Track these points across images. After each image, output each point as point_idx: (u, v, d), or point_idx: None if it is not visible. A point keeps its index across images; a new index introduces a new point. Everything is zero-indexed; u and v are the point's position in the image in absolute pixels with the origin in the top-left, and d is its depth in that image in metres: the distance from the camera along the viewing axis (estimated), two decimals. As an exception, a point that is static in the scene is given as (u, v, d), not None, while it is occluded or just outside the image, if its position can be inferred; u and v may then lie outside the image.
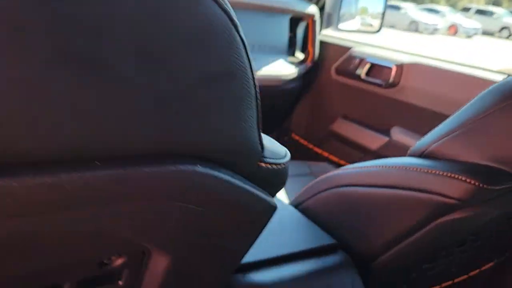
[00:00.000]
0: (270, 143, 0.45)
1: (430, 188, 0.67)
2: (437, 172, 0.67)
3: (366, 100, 1.56)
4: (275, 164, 0.43)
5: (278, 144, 0.47)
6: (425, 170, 0.69)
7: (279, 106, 1.81)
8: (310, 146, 1.82)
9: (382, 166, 0.75)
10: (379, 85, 1.46)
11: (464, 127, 0.68)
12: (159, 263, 0.41)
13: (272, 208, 0.46)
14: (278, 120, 1.92)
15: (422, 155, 0.74)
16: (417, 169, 0.70)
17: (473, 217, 0.67)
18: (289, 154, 0.47)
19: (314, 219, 0.84)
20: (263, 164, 0.42)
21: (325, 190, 0.84)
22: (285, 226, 0.80)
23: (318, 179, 0.87)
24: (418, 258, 0.77)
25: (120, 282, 0.42)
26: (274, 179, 0.44)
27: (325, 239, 0.77)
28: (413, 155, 0.76)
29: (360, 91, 1.56)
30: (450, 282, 0.97)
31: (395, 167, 0.73)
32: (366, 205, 0.77)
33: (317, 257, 0.74)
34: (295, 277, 0.69)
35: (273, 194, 0.47)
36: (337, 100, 1.70)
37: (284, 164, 0.44)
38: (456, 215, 0.66)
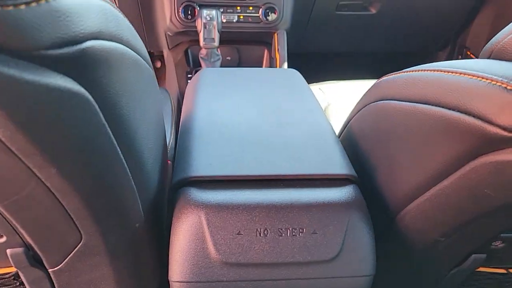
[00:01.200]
0: None
1: (471, 106, 0.39)
2: (487, 79, 0.38)
3: None
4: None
5: None
6: (472, 75, 0.40)
7: (450, 16, 1.40)
8: None
9: (427, 70, 0.47)
10: None
11: None
12: None
13: (54, 90, 0.29)
14: (449, 34, 1.50)
15: (491, 55, 0.43)
16: (461, 73, 0.41)
17: None
18: None
19: (345, 143, 0.62)
20: None
21: (363, 107, 0.59)
22: (302, 149, 0.59)
23: (368, 90, 0.62)
24: (468, 214, 0.48)
25: None
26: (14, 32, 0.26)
27: (339, 169, 0.55)
28: (482, 57, 0.45)
29: None
30: None
31: (439, 71, 0.45)
32: (396, 127, 0.51)
33: (311, 187, 0.54)
34: (262, 203, 0.51)
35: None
36: None
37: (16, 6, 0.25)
38: (505, 156, 0.37)
